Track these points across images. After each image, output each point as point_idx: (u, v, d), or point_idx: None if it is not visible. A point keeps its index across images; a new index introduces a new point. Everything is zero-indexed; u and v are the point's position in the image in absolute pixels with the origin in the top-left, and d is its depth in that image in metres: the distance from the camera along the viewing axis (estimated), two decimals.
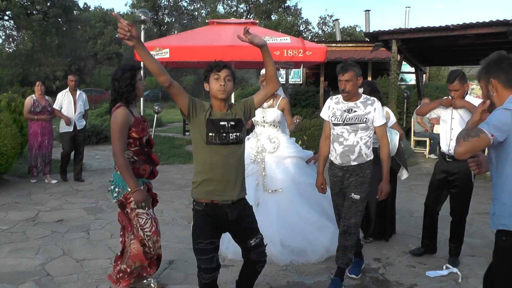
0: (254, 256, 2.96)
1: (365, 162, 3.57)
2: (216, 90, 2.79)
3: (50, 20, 26.56)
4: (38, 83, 7.35)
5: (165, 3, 39.29)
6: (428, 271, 4.06)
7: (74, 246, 4.61)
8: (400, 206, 6.34)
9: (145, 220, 3.27)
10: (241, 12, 31.17)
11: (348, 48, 15.88)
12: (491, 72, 2.28)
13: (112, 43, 38.88)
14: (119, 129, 3.14)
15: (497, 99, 2.27)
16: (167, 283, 3.74)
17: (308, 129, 10.71)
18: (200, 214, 2.85)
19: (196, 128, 2.82)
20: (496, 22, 7.94)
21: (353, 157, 3.54)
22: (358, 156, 3.54)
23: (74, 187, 7.22)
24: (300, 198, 4.45)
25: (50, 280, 3.79)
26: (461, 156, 2.17)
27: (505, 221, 2.20)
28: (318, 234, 4.33)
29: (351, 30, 35.89)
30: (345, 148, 3.54)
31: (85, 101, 7.64)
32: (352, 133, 3.54)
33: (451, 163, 4.11)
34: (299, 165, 4.64)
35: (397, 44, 9.31)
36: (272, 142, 4.59)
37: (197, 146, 2.85)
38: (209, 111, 2.83)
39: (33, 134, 7.28)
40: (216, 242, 2.88)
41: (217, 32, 8.65)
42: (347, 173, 3.59)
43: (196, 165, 2.88)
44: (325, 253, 4.26)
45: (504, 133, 2.10)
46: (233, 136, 2.81)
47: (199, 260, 2.83)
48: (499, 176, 2.23)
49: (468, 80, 4.27)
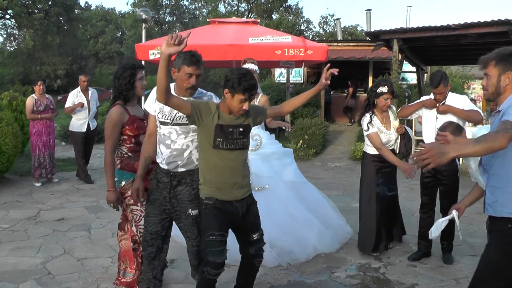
0: (253, 250, 2.99)
1: (197, 169, 2.99)
2: (237, 110, 2.75)
3: (51, 19, 26.52)
4: (39, 82, 7.30)
5: (166, 2, 39.28)
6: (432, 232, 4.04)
7: (75, 244, 4.62)
8: (400, 205, 6.33)
9: (139, 216, 3.31)
10: (242, 11, 31.15)
11: (349, 47, 15.84)
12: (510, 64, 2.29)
13: (113, 42, 38.88)
14: (110, 128, 3.22)
15: (502, 90, 2.31)
16: (168, 282, 3.74)
17: (309, 128, 10.71)
18: (211, 207, 2.83)
19: (204, 131, 2.79)
20: (498, 22, 7.92)
21: (181, 162, 2.98)
22: (188, 163, 2.99)
23: (75, 186, 7.22)
24: (288, 196, 4.47)
25: (51, 279, 3.80)
26: (503, 148, 2.10)
27: (510, 208, 2.25)
28: (306, 232, 4.35)
29: (352, 30, 35.86)
30: (173, 152, 2.97)
31: (96, 99, 7.63)
32: (182, 135, 2.97)
33: None
34: (283, 162, 4.69)
35: (398, 43, 9.30)
36: (254, 139, 4.58)
37: (204, 148, 2.84)
38: (217, 113, 2.77)
39: (37, 133, 7.15)
40: (226, 236, 2.86)
41: (218, 31, 8.64)
42: (174, 180, 3.01)
43: (202, 166, 2.88)
44: (313, 252, 4.28)
45: None
46: (240, 142, 2.83)
47: (210, 252, 2.76)
48: (504, 166, 2.26)
49: (469, 79, 4.28)
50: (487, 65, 2.36)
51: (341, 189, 7.37)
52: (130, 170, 3.29)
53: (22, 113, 8.56)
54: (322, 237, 4.42)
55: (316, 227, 4.41)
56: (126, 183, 3.29)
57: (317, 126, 10.86)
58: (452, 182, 4.19)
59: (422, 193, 4.40)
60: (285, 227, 4.28)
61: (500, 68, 2.32)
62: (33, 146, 7.21)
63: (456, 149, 2.07)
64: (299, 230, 4.33)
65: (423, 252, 4.37)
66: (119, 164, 3.32)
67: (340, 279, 3.90)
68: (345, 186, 7.60)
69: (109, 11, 43.03)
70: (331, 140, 12.15)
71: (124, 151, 3.31)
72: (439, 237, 4.33)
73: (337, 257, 4.39)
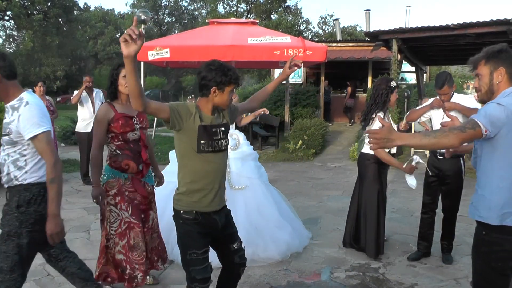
0: (238, 259, 2.86)
1: (14, 186, 2.68)
2: (227, 102, 2.67)
3: (50, 20, 26.52)
4: (39, 83, 7.26)
5: (165, 3, 39.33)
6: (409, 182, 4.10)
7: (74, 246, 4.61)
8: (400, 205, 6.35)
9: (114, 219, 3.32)
10: (241, 12, 31.12)
11: (349, 47, 15.84)
12: (501, 60, 2.24)
13: (113, 43, 38.87)
14: (96, 125, 3.36)
15: (496, 88, 2.25)
16: (167, 283, 3.74)
17: (309, 128, 10.71)
18: (191, 223, 2.66)
19: (185, 136, 2.61)
20: (497, 21, 7.93)
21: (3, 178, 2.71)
22: (7, 179, 2.69)
23: (75, 187, 7.22)
24: (264, 196, 4.55)
25: (50, 280, 3.80)
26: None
27: (482, 212, 2.23)
28: (279, 232, 4.41)
29: (352, 30, 35.84)
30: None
31: (102, 99, 7.61)
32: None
33: (442, 161, 4.14)
34: (257, 164, 4.81)
35: (398, 43, 9.31)
36: (233, 138, 4.64)
37: (186, 155, 2.66)
38: (197, 114, 2.60)
39: None
40: (208, 251, 2.74)
41: (217, 32, 8.63)
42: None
43: (183, 176, 2.68)
44: (287, 249, 4.33)
45: (497, 129, 2.09)
46: (223, 142, 2.70)
47: (193, 271, 2.65)
48: (482, 169, 2.24)
49: (468, 79, 4.29)
50: (478, 65, 2.30)
51: (340, 190, 7.37)
52: (117, 168, 3.32)
53: None
54: (293, 237, 4.50)
55: (288, 229, 4.51)
56: (111, 180, 3.32)
57: (316, 127, 10.85)
58: (455, 183, 4.17)
59: (424, 193, 4.38)
60: (260, 226, 4.36)
61: (491, 66, 2.26)
62: None
63: (403, 139, 2.10)
64: (273, 230, 4.40)
65: (422, 253, 4.37)
66: (108, 160, 3.38)
67: (340, 279, 3.90)
68: (345, 186, 7.60)
69: (108, 12, 43.04)
70: (330, 141, 12.15)
71: (113, 149, 3.35)
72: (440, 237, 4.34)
73: (337, 257, 4.39)
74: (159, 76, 40.46)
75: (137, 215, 3.33)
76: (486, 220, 2.19)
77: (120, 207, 3.31)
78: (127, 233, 3.30)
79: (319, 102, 14.46)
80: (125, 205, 3.30)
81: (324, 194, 7.03)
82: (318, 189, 7.39)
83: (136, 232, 3.30)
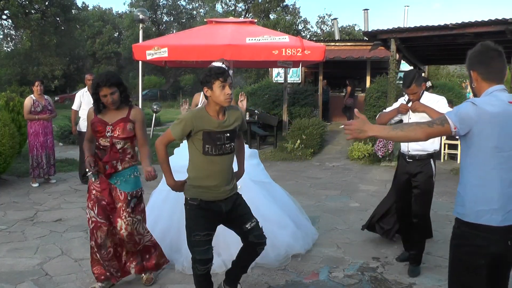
0: (254, 238, 3.07)
1: None
2: (224, 99, 2.85)
3: (48, 19, 26.44)
4: (37, 82, 7.22)
5: (163, 2, 39.21)
6: None
7: (72, 245, 4.61)
8: None
9: (88, 217, 3.50)
10: (239, 11, 31.13)
11: (347, 47, 15.83)
12: (472, 64, 2.27)
13: (111, 43, 38.77)
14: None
15: (477, 91, 2.28)
16: (166, 282, 3.74)
17: (307, 128, 10.71)
18: (195, 208, 2.95)
19: (192, 140, 2.94)
20: (495, 21, 7.94)
21: None
22: None
23: (73, 187, 7.21)
24: (259, 196, 4.42)
25: (48, 280, 3.79)
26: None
27: (458, 209, 2.26)
28: (279, 233, 4.28)
29: (350, 29, 35.87)
30: None
31: None
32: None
33: (411, 163, 3.99)
34: (251, 163, 4.64)
35: (396, 43, 9.31)
36: None
37: (193, 154, 2.97)
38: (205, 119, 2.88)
39: (35, 134, 7.11)
40: (212, 234, 2.99)
41: (216, 31, 8.62)
42: None
43: (191, 169, 3.01)
44: (284, 253, 4.19)
45: (467, 127, 2.11)
46: (228, 147, 2.95)
47: (195, 252, 2.93)
48: (461, 166, 2.28)
49: (466, 79, 4.25)
50: (467, 70, 2.33)
51: (339, 189, 7.37)
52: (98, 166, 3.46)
53: (19, 114, 8.53)
54: (295, 237, 4.41)
55: (290, 228, 4.41)
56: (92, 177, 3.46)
57: (314, 126, 10.85)
58: (425, 185, 3.94)
59: (397, 197, 4.22)
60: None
61: (469, 70, 2.30)
62: (30, 146, 7.17)
63: (374, 130, 2.22)
64: (272, 231, 4.28)
65: (409, 252, 4.20)
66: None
67: (338, 279, 3.90)
68: (343, 186, 7.60)
69: (107, 12, 42.91)
70: (328, 140, 12.15)
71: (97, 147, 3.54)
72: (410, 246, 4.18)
73: (335, 257, 4.39)
74: (157, 76, 40.43)
75: (103, 215, 3.43)
76: (462, 217, 2.21)
77: (87, 205, 3.49)
78: (95, 233, 3.44)
79: (318, 102, 14.45)
80: (91, 203, 3.45)
81: (323, 194, 7.03)
82: (316, 189, 7.39)
83: (103, 231, 3.44)
